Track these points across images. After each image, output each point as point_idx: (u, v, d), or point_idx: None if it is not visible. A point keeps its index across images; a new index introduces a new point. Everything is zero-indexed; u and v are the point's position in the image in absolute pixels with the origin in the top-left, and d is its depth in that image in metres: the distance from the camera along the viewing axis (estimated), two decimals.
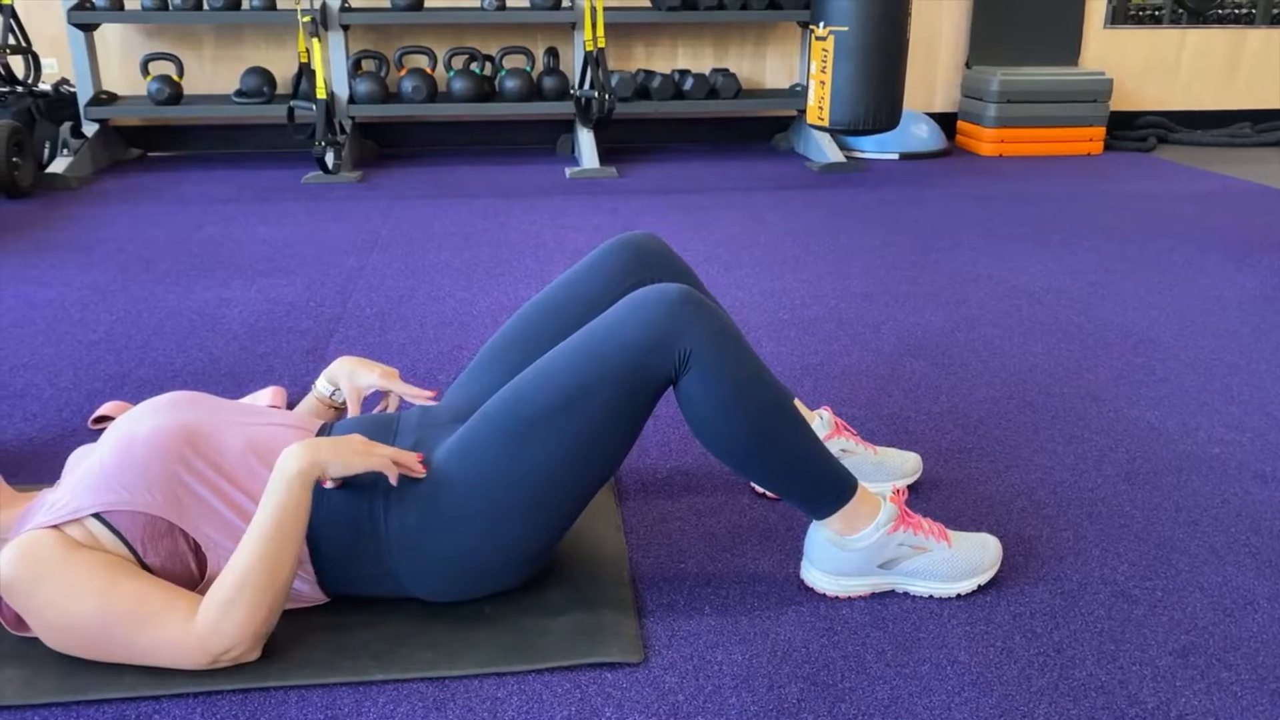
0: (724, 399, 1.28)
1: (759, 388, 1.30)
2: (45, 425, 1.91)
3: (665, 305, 1.28)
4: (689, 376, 1.27)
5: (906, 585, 1.39)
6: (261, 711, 1.16)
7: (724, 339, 1.29)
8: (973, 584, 1.39)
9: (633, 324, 1.27)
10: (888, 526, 1.36)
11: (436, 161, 4.70)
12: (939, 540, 1.39)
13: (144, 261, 3.01)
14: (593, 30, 4.29)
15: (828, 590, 1.39)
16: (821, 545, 1.38)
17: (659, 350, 1.26)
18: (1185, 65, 5.41)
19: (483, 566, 1.29)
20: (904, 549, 1.37)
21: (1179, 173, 4.50)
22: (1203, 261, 3.05)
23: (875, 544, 1.36)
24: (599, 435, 1.27)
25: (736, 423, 1.29)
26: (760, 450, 1.30)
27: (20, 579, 1.17)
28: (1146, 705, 1.18)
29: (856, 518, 1.36)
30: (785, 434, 1.31)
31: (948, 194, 4.04)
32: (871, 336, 2.39)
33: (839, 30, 4.07)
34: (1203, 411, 1.97)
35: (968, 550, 1.40)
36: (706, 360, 1.27)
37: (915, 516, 1.41)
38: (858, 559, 1.37)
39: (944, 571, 1.38)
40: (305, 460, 1.22)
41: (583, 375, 1.26)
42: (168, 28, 4.74)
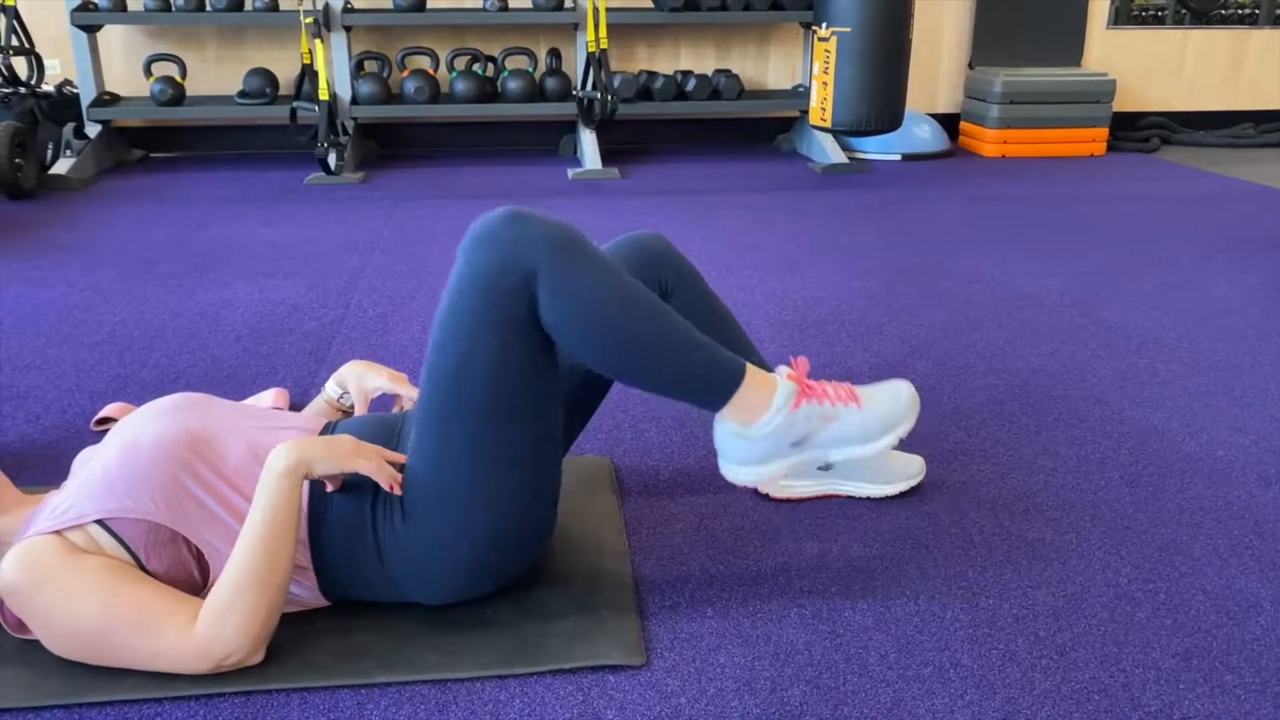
0: (578, 310, 1.22)
1: (612, 291, 1.24)
2: (48, 427, 1.91)
3: (492, 236, 1.22)
4: (542, 298, 1.21)
5: (825, 457, 1.33)
6: (264, 714, 1.16)
7: (561, 250, 1.22)
8: (891, 439, 1.35)
9: (470, 267, 1.23)
10: (788, 405, 1.31)
11: (438, 162, 4.71)
12: (847, 404, 1.35)
13: (146, 262, 3.01)
14: (595, 31, 4.29)
15: (748, 481, 1.34)
16: (729, 440, 1.33)
17: (502, 284, 1.21)
18: (1188, 66, 5.41)
19: (469, 562, 1.28)
20: (813, 422, 1.32)
21: (1182, 174, 4.50)
22: (1206, 263, 3.05)
23: (780, 426, 1.31)
24: (505, 389, 1.23)
25: (598, 332, 1.23)
26: (630, 356, 1.25)
27: (23, 584, 1.17)
28: (1150, 709, 1.17)
29: (753, 403, 1.31)
30: (653, 333, 1.25)
31: (950, 195, 4.03)
32: (874, 338, 2.39)
33: (841, 31, 4.07)
34: (1206, 414, 1.97)
35: (880, 405, 1.36)
36: (550, 278, 1.21)
37: (818, 385, 1.35)
38: (768, 444, 1.32)
39: (858, 433, 1.34)
40: (292, 458, 1.22)
41: (462, 336, 1.22)
42: (170, 29, 4.75)
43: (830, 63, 4.13)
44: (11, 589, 1.18)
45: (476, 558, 1.28)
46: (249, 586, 1.18)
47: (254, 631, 1.19)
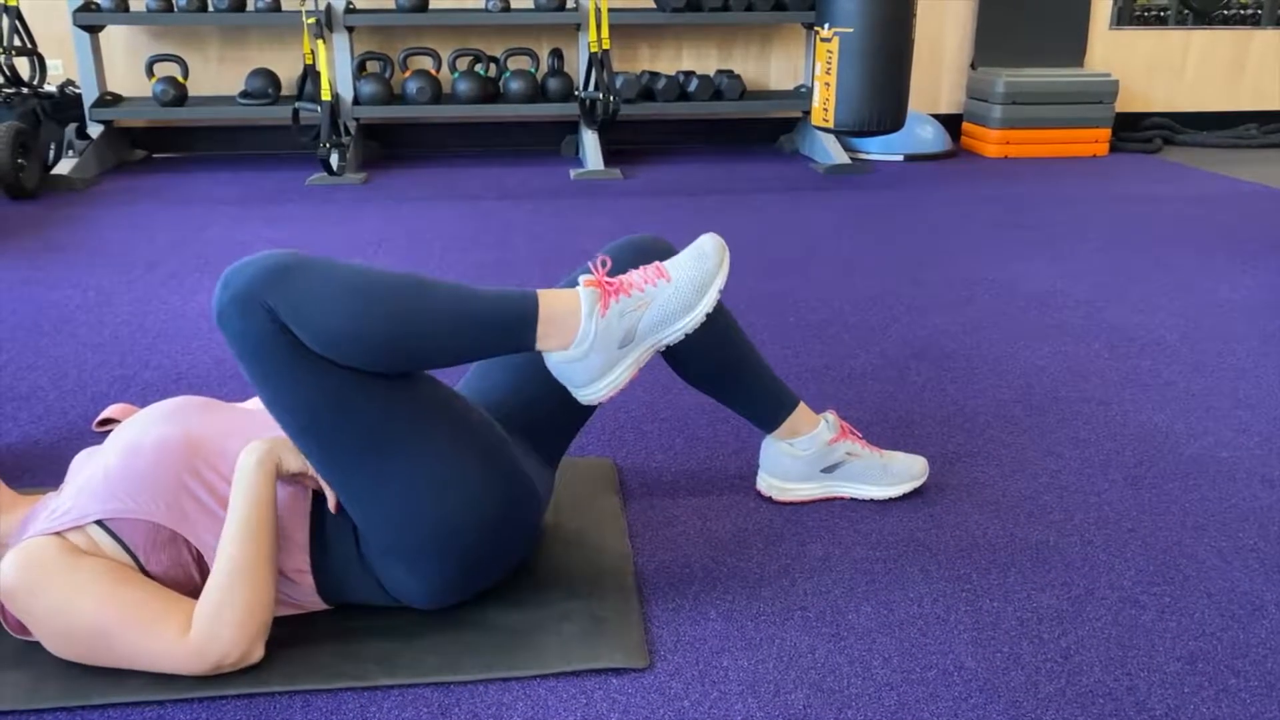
0: (327, 325, 1.15)
1: (353, 292, 1.17)
2: (50, 428, 1.91)
3: (223, 311, 1.17)
4: (296, 331, 1.16)
5: (658, 342, 1.29)
6: (266, 716, 1.16)
7: (280, 282, 1.15)
8: (712, 296, 1.30)
9: (232, 343, 1.18)
10: (597, 311, 1.25)
11: (440, 163, 4.70)
12: (655, 282, 1.29)
13: (149, 263, 3.01)
14: (598, 32, 4.29)
15: (603, 396, 1.28)
16: (561, 369, 1.27)
17: (261, 335, 1.15)
18: (1191, 66, 5.40)
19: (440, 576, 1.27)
20: (628, 316, 1.27)
21: (1185, 174, 4.49)
22: (1209, 264, 3.04)
23: (598, 333, 1.24)
24: (357, 398, 1.20)
25: (360, 335, 1.16)
26: (410, 340, 1.19)
27: (22, 586, 1.17)
28: (1155, 712, 1.17)
29: (562, 325, 1.25)
30: (416, 309, 1.19)
31: (953, 196, 4.03)
32: (877, 339, 2.38)
33: (844, 32, 4.07)
34: (1210, 415, 1.97)
35: (687, 269, 1.29)
36: (286, 312, 1.15)
37: (618, 280, 1.29)
38: (596, 358, 1.26)
39: (676, 307, 1.27)
40: (260, 452, 1.24)
41: (282, 394, 1.19)
42: (172, 29, 4.75)
43: (833, 63, 4.12)
44: (11, 590, 1.18)
45: (448, 565, 1.26)
46: (238, 585, 1.18)
47: (250, 630, 1.19)
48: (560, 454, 1.51)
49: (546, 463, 1.47)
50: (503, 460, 1.29)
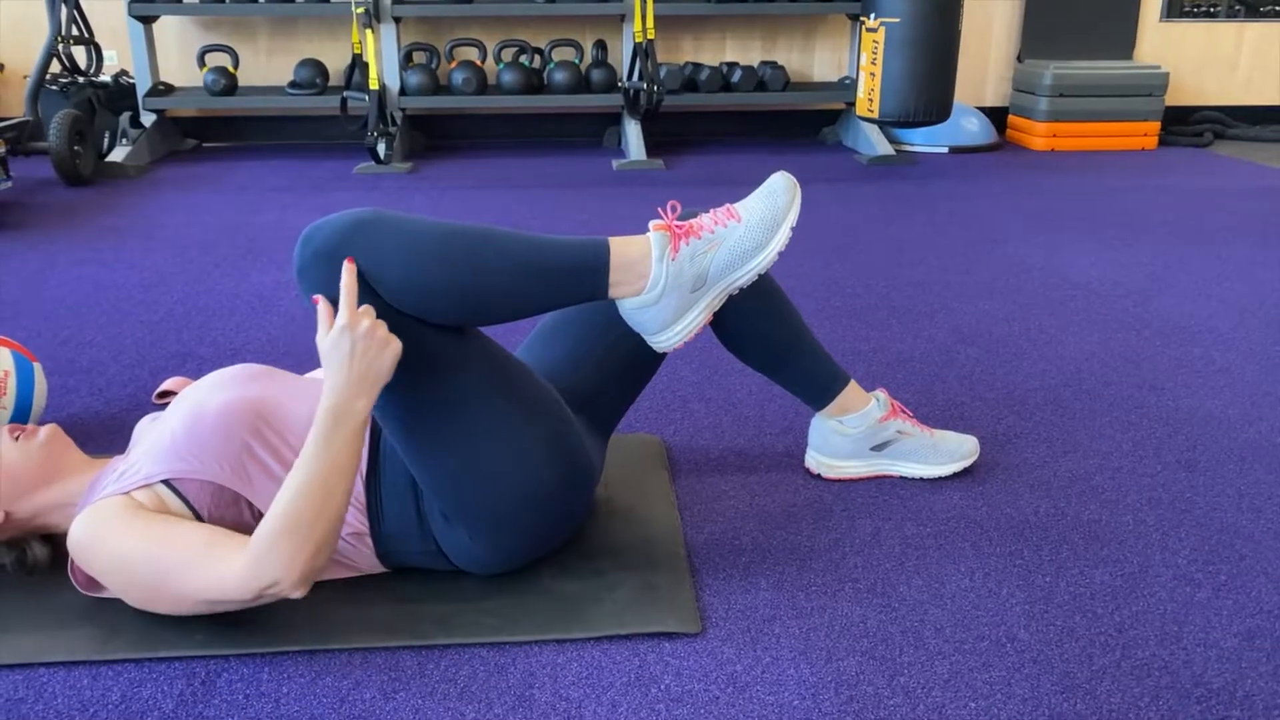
0: (405, 275, 1.18)
1: (430, 245, 1.19)
2: (112, 399, 1.96)
3: (304, 266, 1.20)
4: (376, 287, 1.18)
5: (732, 284, 1.30)
6: (326, 671, 1.19)
7: (361, 236, 1.18)
8: (785, 233, 1.30)
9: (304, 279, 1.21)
10: (668, 255, 1.26)
11: (484, 153, 4.74)
12: (726, 224, 1.29)
13: (202, 246, 3.07)
14: (643, 22, 4.31)
15: (677, 342, 1.30)
16: (634, 316, 1.29)
17: (333, 284, 1.18)
18: (1244, 60, 5.32)
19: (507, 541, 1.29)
20: (699, 259, 1.27)
21: (1236, 168, 4.42)
22: (1262, 255, 3.00)
23: (669, 278, 1.26)
24: (438, 362, 1.23)
25: (435, 283, 1.19)
26: (482, 291, 1.21)
27: (90, 544, 1.20)
28: (1212, 685, 1.16)
29: (633, 270, 1.26)
30: (489, 257, 1.21)
31: (999, 187, 4.00)
32: (925, 324, 2.38)
33: (890, 22, 4.05)
34: (1265, 402, 1.94)
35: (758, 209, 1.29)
36: (366, 262, 1.18)
37: (688, 224, 1.29)
38: (668, 304, 1.27)
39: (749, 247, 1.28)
40: (359, 381, 1.17)
41: None
42: (224, 20, 4.82)
43: (878, 54, 4.11)
44: (81, 549, 1.21)
45: (514, 531, 1.28)
46: (299, 520, 1.14)
47: (300, 564, 1.14)
48: (613, 427, 1.52)
49: (600, 436, 1.49)
50: (566, 433, 1.32)
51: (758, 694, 1.15)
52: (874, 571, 1.39)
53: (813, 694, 1.15)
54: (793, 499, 1.58)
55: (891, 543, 1.46)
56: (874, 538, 1.47)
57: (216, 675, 1.18)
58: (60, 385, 2.02)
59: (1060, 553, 1.43)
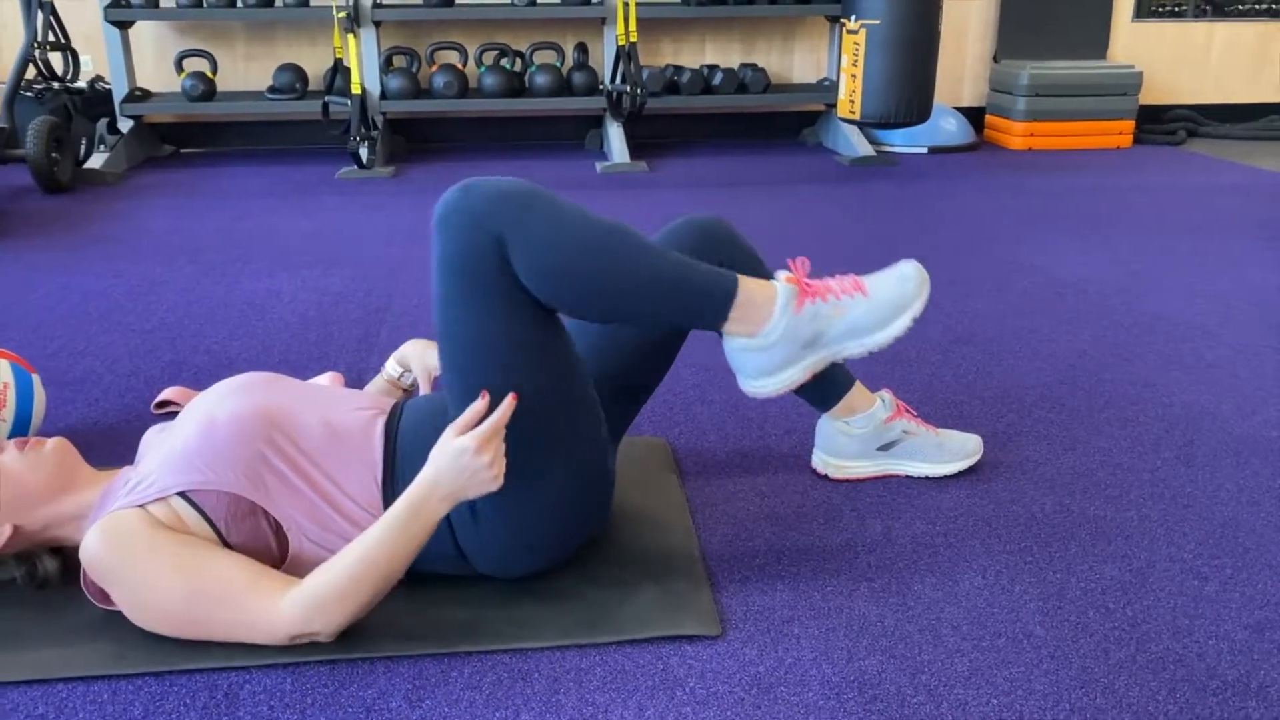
0: (551, 259, 1.22)
1: (580, 232, 1.24)
2: (108, 410, 1.94)
3: (454, 208, 1.23)
4: (514, 257, 1.22)
5: (842, 352, 1.33)
6: (350, 680, 1.18)
7: (519, 207, 1.23)
8: (905, 321, 1.33)
9: (443, 245, 1.24)
10: (791, 307, 1.31)
11: (466, 157, 4.73)
12: (853, 294, 1.34)
13: (189, 254, 3.04)
14: (625, 25, 4.31)
15: (768, 392, 1.33)
16: (739, 355, 1.33)
17: (476, 249, 1.21)
18: (1214, 59, 5.40)
19: (534, 539, 1.29)
20: (820, 320, 1.32)
21: (1211, 165, 4.49)
22: (1242, 252, 3.05)
23: (787, 329, 1.30)
24: (520, 357, 1.25)
25: (575, 276, 1.23)
26: (613, 292, 1.25)
27: (108, 559, 1.19)
28: (1226, 678, 1.18)
29: (755, 313, 1.30)
30: (630, 265, 1.24)
31: (980, 187, 4.04)
32: (919, 324, 2.40)
33: (871, 24, 4.08)
34: (1256, 396, 1.98)
35: (888, 289, 1.34)
36: (516, 234, 1.21)
37: (818, 283, 1.34)
38: (779, 351, 1.32)
39: (871, 322, 1.32)
40: (451, 500, 1.20)
41: (458, 322, 1.24)
42: (201, 25, 4.78)
43: (859, 55, 4.14)
44: (97, 562, 1.20)
45: (541, 532, 1.30)
46: (355, 592, 1.18)
47: (342, 623, 1.20)
48: (625, 429, 1.53)
49: (613, 438, 1.49)
50: (602, 437, 1.34)
51: (782, 694, 1.16)
52: (887, 571, 1.40)
53: (836, 694, 1.16)
54: (802, 500, 1.60)
55: (902, 542, 1.47)
56: (885, 537, 1.49)
57: (239, 688, 1.17)
58: (54, 397, 2.00)
59: (1069, 549, 1.45)
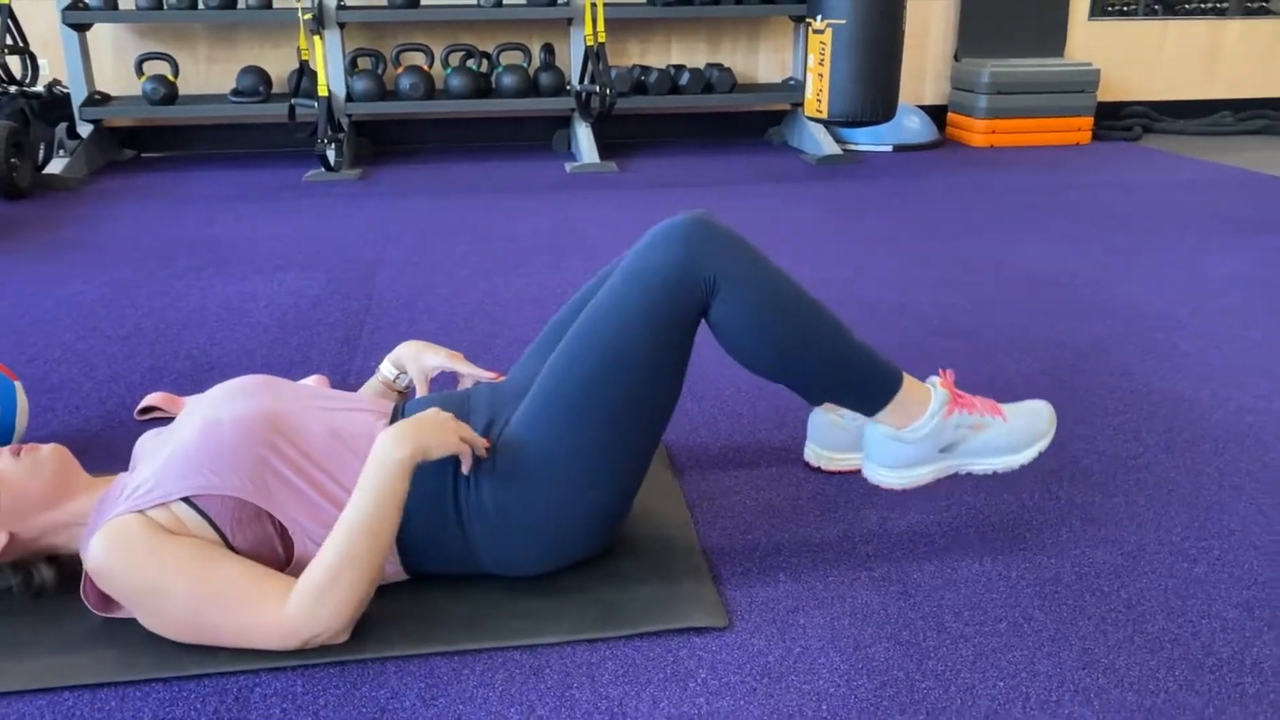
0: (755, 315, 1.29)
1: (786, 297, 1.31)
2: (90, 417, 1.91)
3: (679, 235, 1.29)
4: (717, 301, 1.29)
5: (970, 465, 1.41)
6: (362, 681, 1.18)
7: (741, 253, 1.30)
8: (1034, 453, 1.42)
9: (652, 262, 1.28)
10: (942, 412, 1.38)
11: (433, 159, 4.71)
12: (994, 415, 1.41)
13: (161, 258, 3.00)
14: (593, 25, 4.32)
15: (895, 484, 1.41)
16: (881, 442, 1.40)
17: (684, 283, 1.27)
18: (1167, 56, 5.52)
19: (560, 536, 1.31)
20: (962, 430, 1.39)
21: (1166, 160, 4.59)
22: (1205, 243, 3.12)
23: (933, 430, 1.38)
24: (650, 381, 1.29)
25: (770, 334, 1.30)
26: (798, 357, 1.32)
27: (113, 565, 1.18)
28: (1221, 655, 1.22)
29: (909, 407, 1.38)
30: (820, 337, 1.33)
31: (946, 184, 4.09)
32: (896, 318, 2.43)
33: (837, 23, 4.12)
34: (1231, 384, 2.03)
35: (1023, 419, 1.42)
36: (731, 281, 1.28)
37: (966, 396, 1.42)
38: (919, 449, 1.39)
39: (1004, 444, 1.41)
40: (408, 447, 1.22)
41: (621, 327, 1.27)
42: (161, 28, 4.72)
43: (826, 55, 4.18)
44: (101, 569, 1.19)
45: (567, 535, 1.31)
46: (349, 571, 1.18)
47: (348, 613, 1.20)
48: None
49: None
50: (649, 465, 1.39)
51: (793, 683, 1.18)
52: (886, 560, 1.42)
53: (846, 680, 1.18)
54: (796, 492, 1.61)
55: (899, 531, 1.50)
56: (881, 527, 1.51)
57: (249, 691, 1.16)
58: (34, 405, 1.97)
59: (1060, 535, 1.48)
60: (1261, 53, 5.60)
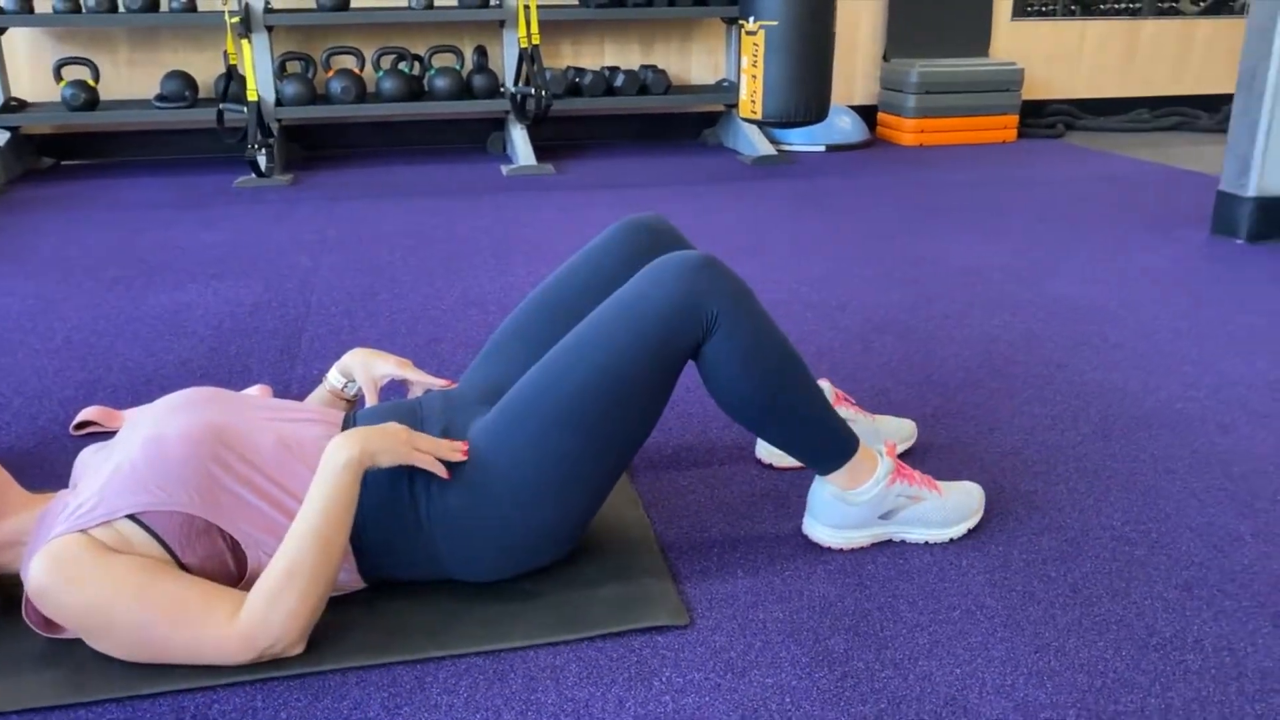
0: (746, 359, 1.33)
1: (780, 347, 1.35)
2: (22, 434, 1.85)
3: (689, 272, 1.31)
4: (714, 339, 1.32)
5: (904, 534, 1.47)
6: (323, 694, 1.16)
7: (745, 300, 1.34)
8: (963, 528, 1.48)
9: (659, 294, 1.30)
10: (887, 479, 1.43)
11: (366, 163, 4.65)
12: (931, 489, 1.47)
13: (88, 269, 2.92)
14: (527, 27, 4.30)
15: (832, 543, 1.45)
16: (826, 500, 1.44)
17: (687, 316, 1.30)
18: (1086, 55, 5.68)
19: (525, 545, 1.31)
20: (901, 499, 1.45)
21: (1088, 157, 4.73)
22: (1129, 237, 3.22)
23: (876, 496, 1.43)
24: (633, 407, 1.30)
25: (756, 381, 1.34)
26: (776, 408, 1.36)
27: (55, 586, 1.14)
28: (1164, 634, 1.26)
29: (859, 472, 1.43)
30: (798, 391, 1.37)
31: (879, 183, 4.16)
32: (838, 316, 2.47)
33: (769, 25, 4.17)
34: (1159, 372, 2.10)
35: (957, 497, 1.49)
36: (731, 323, 1.31)
37: (908, 469, 1.48)
38: (861, 512, 1.44)
39: (938, 518, 1.47)
40: (356, 450, 1.22)
41: (614, 350, 1.29)
42: (79, 32, 4.58)
43: (759, 56, 4.22)
44: (43, 591, 1.15)
45: (535, 542, 1.31)
46: (301, 577, 1.17)
47: (301, 622, 1.19)
48: None
49: None
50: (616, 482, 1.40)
51: (756, 677, 1.19)
52: (841, 553, 1.45)
53: (808, 672, 1.20)
54: (750, 489, 1.63)
55: None
56: None
57: (207, 708, 1.14)
58: None
59: (1007, 523, 1.52)
60: (1174, 51, 5.80)
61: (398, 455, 1.24)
